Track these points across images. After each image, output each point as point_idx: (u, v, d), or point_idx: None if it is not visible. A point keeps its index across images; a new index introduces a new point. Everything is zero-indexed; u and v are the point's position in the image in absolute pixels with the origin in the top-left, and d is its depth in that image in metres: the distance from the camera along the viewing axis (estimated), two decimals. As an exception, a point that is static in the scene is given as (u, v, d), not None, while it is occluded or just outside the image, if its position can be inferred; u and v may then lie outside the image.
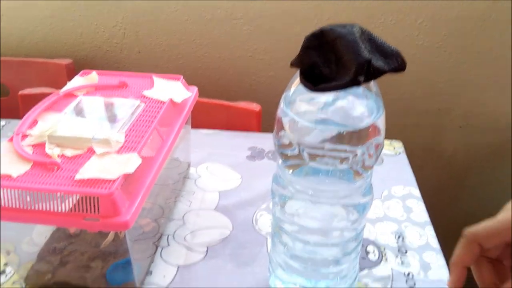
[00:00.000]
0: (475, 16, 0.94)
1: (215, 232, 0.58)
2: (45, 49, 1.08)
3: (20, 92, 0.88)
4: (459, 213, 1.19)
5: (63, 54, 1.07)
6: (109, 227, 0.41)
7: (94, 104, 0.55)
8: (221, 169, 0.70)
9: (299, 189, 0.37)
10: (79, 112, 0.53)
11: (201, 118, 0.80)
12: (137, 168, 0.45)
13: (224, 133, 0.78)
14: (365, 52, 0.30)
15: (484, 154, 1.10)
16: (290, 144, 0.35)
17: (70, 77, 1.03)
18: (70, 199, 0.42)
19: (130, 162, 0.44)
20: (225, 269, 0.52)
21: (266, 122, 0.83)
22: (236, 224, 0.59)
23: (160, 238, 0.57)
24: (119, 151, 0.46)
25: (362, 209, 0.38)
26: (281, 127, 0.36)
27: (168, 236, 0.57)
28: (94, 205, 0.41)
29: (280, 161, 0.38)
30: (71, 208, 0.42)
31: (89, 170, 0.43)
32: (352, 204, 0.38)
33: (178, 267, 0.53)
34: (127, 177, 0.43)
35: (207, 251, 0.55)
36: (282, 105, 0.36)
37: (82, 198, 0.41)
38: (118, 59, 1.08)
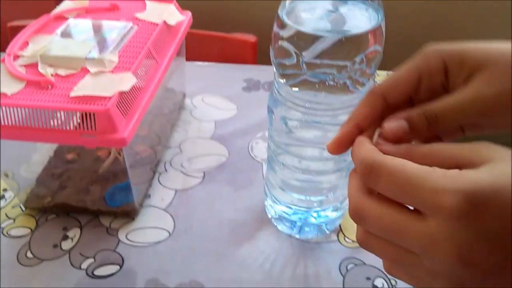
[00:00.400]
0: None
1: (211, 159, 0.58)
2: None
3: (9, 24, 0.85)
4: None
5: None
6: (106, 143, 0.41)
7: (85, 26, 0.54)
8: (216, 100, 0.69)
9: (296, 102, 0.37)
10: (70, 34, 0.52)
11: (196, 50, 0.78)
12: (132, 87, 0.44)
13: (219, 65, 0.77)
14: None
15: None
16: (288, 53, 0.34)
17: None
18: (67, 117, 0.41)
19: (125, 81, 0.44)
20: (221, 192, 0.53)
21: (262, 53, 0.82)
22: (232, 151, 0.60)
23: (157, 164, 0.57)
24: (113, 70, 0.45)
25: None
26: (278, 37, 0.35)
27: (165, 162, 0.58)
28: (91, 122, 0.41)
29: (277, 74, 0.38)
30: (68, 125, 0.41)
31: (84, 88, 0.42)
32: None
33: (176, 191, 0.53)
34: (122, 95, 0.43)
35: (204, 176, 0.56)
36: (279, 13, 0.35)
37: (78, 115, 0.41)
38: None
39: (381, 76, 0.75)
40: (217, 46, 0.81)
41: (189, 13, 0.61)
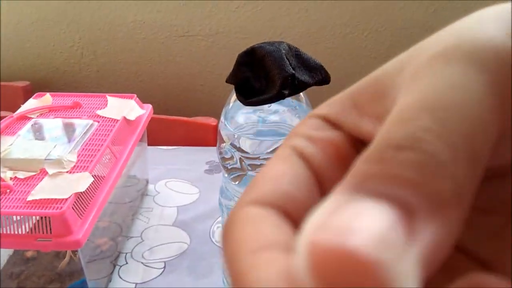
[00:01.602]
0: (416, 26, 0.99)
1: (173, 247, 0.59)
2: (2, 72, 1.07)
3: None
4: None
5: (21, 76, 1.07)
6: (61, 246, 0.42)
7: (47, 125, 0.56)
8: (179, 184, 0.71)
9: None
10: (32, 134, 0.54)
11: (160, 135, 0.81)
12: (89, 186, 0.46)
13: (182, 149, 0.80)
14: (289, 67, 0.33)
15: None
16: (231, 157, 0.37)
17: (27, 100, 1.03)
18: (27, 223, 0.42)
19: (82, 181, 0.45)
20: (182, 282, 0.54)
21: (224, 136, 0.86)
22: (194, 237, 0.61)
23: (117, 256, 0.58)
24: (71, 170, 0.47)
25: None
26: (222, 141, 0.38)
27: (126, 254, 0.58)
28: (47, 226, 0.42)
29: (225, 173, 0.40)
30: (26, 231, 0.42)
31: (41, 191, 0.44)
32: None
33: (136, 285, 0.54)
34: (79, 196, 0.44)
35: (164, 266, 0.56)
36: (222, 119, 0.38)
37: (35, 219, 0.42)
38: (76, 79, 1.08)
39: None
40: (181, 131, 0.84)
41: (149, 106, 0.65)
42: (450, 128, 0.10)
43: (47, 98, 0.61)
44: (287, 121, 0.38)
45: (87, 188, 0.45)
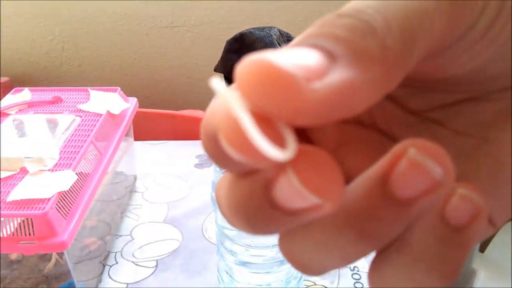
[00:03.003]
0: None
1: (164, 244, 0.57)
2: (-21, 68, 1.03)
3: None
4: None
5: (0, 72, 1.03)
6: (45, 248, 0.39)
7: (26, 122, 0.53)
8: (169, 179, 0.69)
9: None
10: (11, 132, 0.51)
11: (147, 129, 0.78)
12: (73, 184, 0.43)
13: (170, 143, 0.77)
14: None
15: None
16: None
17: (6, 96, 0.99)
18: (9, 225, 0.40)
19: (65, 179, 0.43)
20: (175, 281, 0.52)
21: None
22: (186, 233, 0.58)
23: (107, 256, 0.55)
24: (54, 168, 0.45)
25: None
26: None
27: (116, 253, 0.56)
28: (30, 228, 0.39)
29: (216, 167, 0.38)
30: (8, 233, 0.40)
31: (22, 191, 0.41)
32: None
33: (127, 285, 0.51)
34: (62, 195, 0.42)
35: (156, 264, 0.54)
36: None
37: (18, 221, 0.39)
38: (58, 73, 1.05)
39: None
40: (168, 124, 0.81)
41: (134, 100, 0.62)
42: (389, 7, 0.11)
43: (26, 93, 0.58)
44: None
45: (71, 187, 0.43)
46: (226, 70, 0.32)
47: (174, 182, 0.68)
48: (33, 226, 0.39)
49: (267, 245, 0.41)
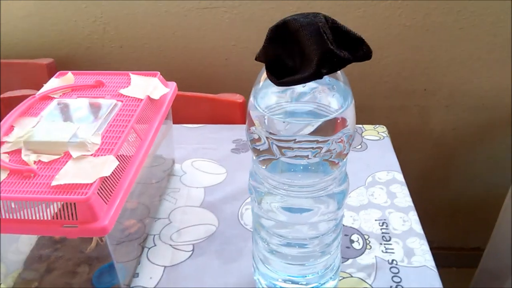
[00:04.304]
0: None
1: (201, 229, 0.58)
2: (25, 50, 1.06)
3: (1, 96, 0.87)
4: (447, 194, 1.20)
5: (44, 53, 1.06)
6: (87, 233, 0.40)
7: (70, 106, 0.54)
8: (206, 164, 0.69)
9: (274, 185, 0.37)
10: (55, 115, 0.52)
11: (185, 112, 0.79)
12: (115, 170, 0.44)
13: (208, 127, 0.77)
14: (327, 42, 0.29)
15: (472, 133, 1.11)
16: (259, 139, 0.34)
17: (51, 77, 1.02)
18: (51, 206, 0.41)
19: (107, 165, 0.44)
20: (211, 266, 0.52)
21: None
22: (222, 219, 0.59)
23: (146, 238, 0.57)
24: (96, 153, 0.45)
25: (339, 199, 0.38)
26: (251, 122, 0.35)
27: (154, 236, 0.57)
28: (72, 212, 0.40)
29: (254, 156, 0.38)
30: (51, 216, 0.41)
31: (65, 176, 0.42)
32: (328, 195, 0.37)
33: (165, 268, 0.52)
34: (104, 180, 0.43)
35: (193, 249, 0.55)
36: (251, 98, 0.35)
37: (61, 204, 0.41)
38: (100, 55, 1.07)
39: (369, 130, 0.75)
40: (206, 108, 0.82)
41: (173, 84, 0.62)
42: None
43: (69, 77, 0.60)
44: (323, 101, 0.34)
45: (112, 172, 0.44)
46: (268, 59, 0.31)
47: (211, 166, 0.69)
48: (76, 210, 0.40)
49: (304, 237, 0.40)
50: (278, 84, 0.30)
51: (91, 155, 0.45)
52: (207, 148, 0.72)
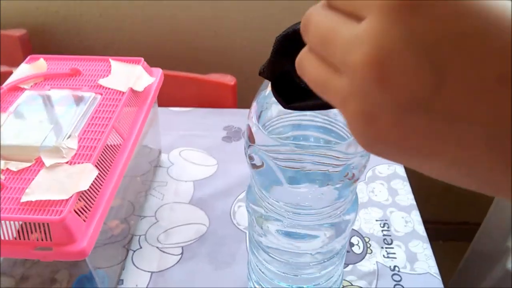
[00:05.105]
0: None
1: (190, 229, 0.54)
2: (-5, 18, 0.97)
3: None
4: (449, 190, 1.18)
5: (16, 24, 0.97)
6: (63, 256, 0.36)
7: (43, 100, 0.49)
8: (195, 154, 0.65)
9: (275, 211, 0.33)
10: (25, 111, 0.47)
11: (171, 94, 0.73)
12: (94, 180, 0.39)
13: (196, 111, 0.72)
14: None
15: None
16: (262, 164, 0.30)
17: (25, 50, 0.94)
18: (22, 227, 0.37)
19: (84, 175, 0.39)
20: (202, 271, 0.49)
21: (242, 96, 0.77)
22: (213, 218, 0.55)
23: (131, 240, 0.53)
24: (72, 160, 0.41)
25: (343, 227, 0.34)
26: (252, 140, 0.30)
27: (139, 237, 0.53)
28: (45, 232, 0.36)
29: (252, 175, 0.33)
30: (22, 235, 0.37)
31: (37, 189, 0.38)
32: (333, 223, 0.34)
33: (152, 274, 0.49)
34: (81, 195, 0.38)
35: (182, 252, 0.51)
36: (252, 113, 0.31)
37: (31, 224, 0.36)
38: (78, 25, 0.99)
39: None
40: (194, 89, 0.76)
41: (159, 71, 0.56)
42: None
43: (41, 64, 0.53)
44: (330, 126, 0.30)
45: (91, 184, 0.39)
46: (275, 77, 0.26)
47: (201, 157, 0.64)
48: (50, 232, 0.36)
49: (307, 262, 0.37)
50: (287, 108, 0.25)
51: (67, 162, 0.40)
52: (195, 135, 0.68)
